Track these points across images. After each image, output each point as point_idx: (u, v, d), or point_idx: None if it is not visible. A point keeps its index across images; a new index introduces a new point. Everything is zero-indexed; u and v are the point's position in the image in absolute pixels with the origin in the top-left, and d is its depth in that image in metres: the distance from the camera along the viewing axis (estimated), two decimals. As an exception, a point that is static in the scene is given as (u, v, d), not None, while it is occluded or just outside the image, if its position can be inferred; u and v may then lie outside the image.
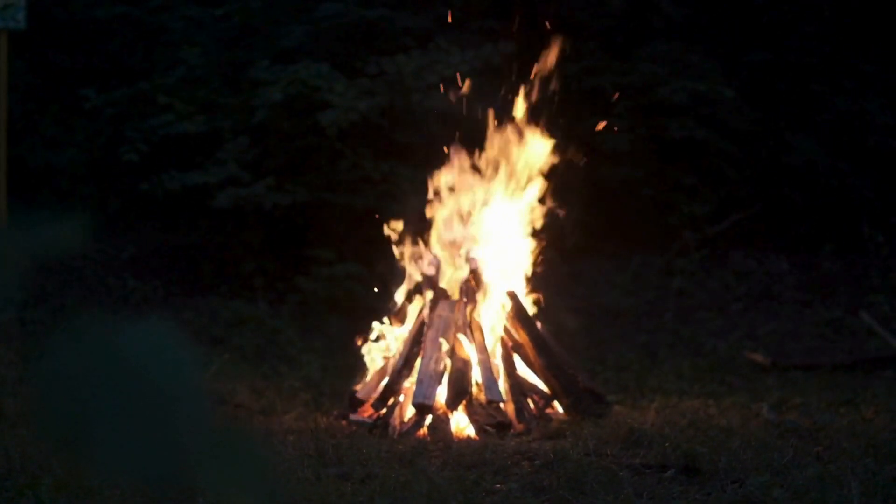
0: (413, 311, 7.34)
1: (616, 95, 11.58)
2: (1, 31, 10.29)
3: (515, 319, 7.11)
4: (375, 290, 8.88)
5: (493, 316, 7.20)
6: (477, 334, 6.99)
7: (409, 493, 4.56)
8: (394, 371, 6.91)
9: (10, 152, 10.91)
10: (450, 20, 10.82)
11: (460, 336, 6.94)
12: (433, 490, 4.55)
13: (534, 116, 7.67)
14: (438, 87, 10.92)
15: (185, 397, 1.13)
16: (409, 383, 6.82)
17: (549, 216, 7.65)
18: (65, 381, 1.11)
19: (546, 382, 6.97)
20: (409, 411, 6.68)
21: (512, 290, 7.23)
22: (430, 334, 6.93)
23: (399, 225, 7.67)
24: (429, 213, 7.60)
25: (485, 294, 7.28)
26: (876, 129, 12.98)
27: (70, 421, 1.10)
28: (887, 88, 13.42)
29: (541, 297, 7.69)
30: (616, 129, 11.83)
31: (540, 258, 7.70)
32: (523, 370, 7.05)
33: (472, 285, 7.27)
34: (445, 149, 7.68)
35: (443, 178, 7.60)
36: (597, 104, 11.93)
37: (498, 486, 4.92)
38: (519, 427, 6.48)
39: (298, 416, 7.05)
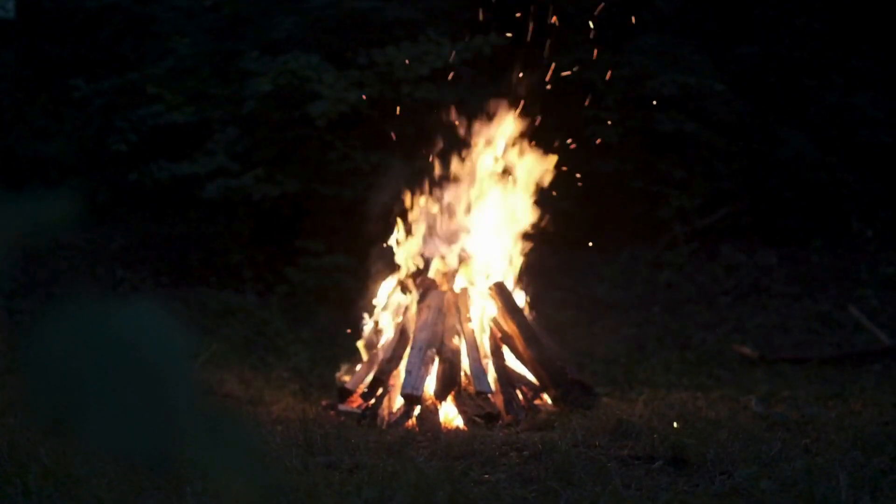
0: (402, 301, 7.35)
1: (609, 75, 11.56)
2: (-10, 20, 10.27)
3: (504, 311, 7.11)
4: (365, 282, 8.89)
5: (482, 307, 7.21)
6: (466, 325, 6.99)
7: (397, 483, 4.56)
8: (382, 362, 6.91)
9: (-1, 142, 10.89)
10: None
11: (449, 327, 6.94)
12: (421, 480, 4.55)
13: (523, 108, 7.67)
14: (429, 79, 10.92)
15: (174, 387, 1.12)
16: (398, 374, 6.82)
17: (540, 208, 7.65)
18: (53, 370, 1.10)
19: (535, 374, 6.97)
20: (398, 402, 6.69)
21: (501, 281, 7.23)
22: (419, 325, 6.93)
23: (390, 216, 7.68)
24: (419, 204, 7.60)
25: (474, 285, 7.28)
26: (866, 124, 13.00)
27: (58, 410, 1.10)
28: (877, 83, 13.44)
29: (530, 288, 7.69)
30: (608, 121, 11.84)
31: (529, 250, 7.70)
32: (512, 362, 7.05)
33: (462, 277, 7.27)
34: (435, 140, 7.68)
35: (433, 170, 7.60)
36: (587, 96, 11.93)
37: (486, 476, 4.93)
38: (507, 418, 6.49)
39: (287, 407, 7.05)
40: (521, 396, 6.80)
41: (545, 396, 6.94)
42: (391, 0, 12.10)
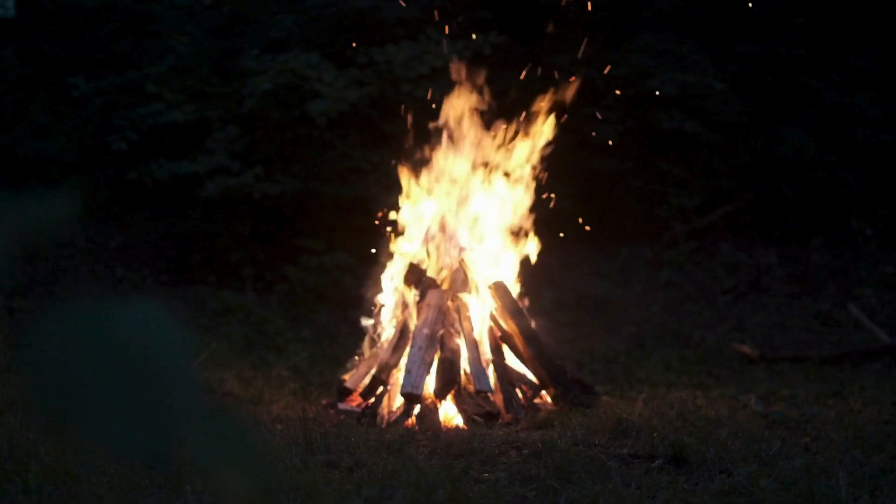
0: (402, 300, 7.34)
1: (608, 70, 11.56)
2: (-10, 18, 10.26)
3: (504, 310, 7.11)
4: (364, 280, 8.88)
5: (481, 306, 7.20)
6: (466, 324, 6.99)
7: (396, 481, 4.56)
8: (382, 360, 6.91)
9: (-1, 140, 10.88)
10: (436, 16, 10.82)
11: (449, 326, 6.94)
12: (421, 479, 4.55)
13: (524, 107, 7.67)
14: (429, 78, 10.91)
15: (174, 386, 1.12)
16: (398, 373, 6.82)
17: (539, 207, 7.65)
18: (52, 368, 1.10)
19: (534, 373, 6.97)
20: (398, 400, 6.69)
21: (501, 280, 7.23)
22: (418, 324, 6.93)
23: (390, 215, 7.68)
24: (418, 204, 7.60)
25: (474, 284, 7.27)
26: (865, 122, 13.00)
27: (58, 408, 1.10)
28: (876, 82, 13.44)
29: (529, 287, 7.69)
30: (605, 119, 11.83)
31: (529, 249, 7.70)
32: (512, 360, 7.05)
33: (462, 275, 7.27)
34: (435, 139, 7.68)
35: (432, 169, 7.60)
36: (586, 95, 11.93)
37: (486, 475, 4.92)
38: (507, 417, 6.49)
39: (286, 405, 7.05)
40: (520, 395, 6.80)
41: (545, 395, 6.94)
42: (391, -1, 12.10)
